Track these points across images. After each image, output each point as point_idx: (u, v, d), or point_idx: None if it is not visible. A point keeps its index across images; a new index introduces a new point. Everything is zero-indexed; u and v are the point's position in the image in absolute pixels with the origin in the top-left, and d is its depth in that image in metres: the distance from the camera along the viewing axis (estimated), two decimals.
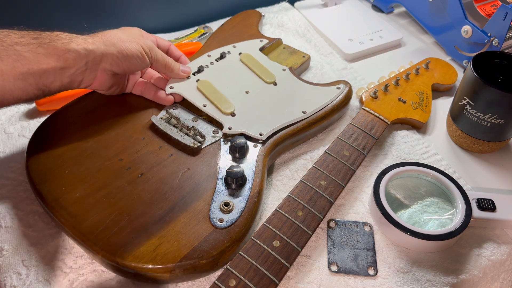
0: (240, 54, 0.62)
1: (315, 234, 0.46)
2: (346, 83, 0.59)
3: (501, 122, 0.51)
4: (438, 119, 0.61)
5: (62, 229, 0.42)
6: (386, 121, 0.55)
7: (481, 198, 0.47)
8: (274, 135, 0.51)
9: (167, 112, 0.53)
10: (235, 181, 0.45)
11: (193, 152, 0.49)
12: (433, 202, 0.48)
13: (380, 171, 0.49)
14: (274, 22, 0.77)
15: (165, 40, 0.58)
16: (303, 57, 0.66)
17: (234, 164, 0.48)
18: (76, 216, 0.42)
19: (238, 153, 0.48)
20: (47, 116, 0.53)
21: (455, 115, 0.56)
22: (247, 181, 0.46)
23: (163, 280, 0.40)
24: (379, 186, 0.47)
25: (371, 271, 0.43)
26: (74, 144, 0.49)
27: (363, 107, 0.56)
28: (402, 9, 0.83)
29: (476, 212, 0.46)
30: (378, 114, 0.55)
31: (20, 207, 0.48)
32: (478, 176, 0.54)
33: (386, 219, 0.45)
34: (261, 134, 0.51)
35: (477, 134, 0.54)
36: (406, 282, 0.43)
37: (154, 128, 0.51)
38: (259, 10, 0.79)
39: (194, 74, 0.58)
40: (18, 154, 0.54)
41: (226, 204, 0.43)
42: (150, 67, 0.55)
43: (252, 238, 0.41)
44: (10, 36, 0.42)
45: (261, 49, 0.64)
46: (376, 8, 0.83)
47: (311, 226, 0.42)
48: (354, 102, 0.62)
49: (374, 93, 0.58)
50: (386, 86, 0.59)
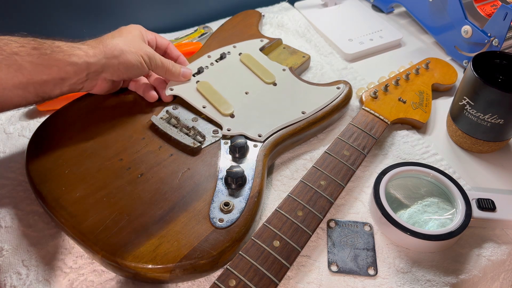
0: (240, 54, 0.62)
1: (315, 234, 0.46)
2: (346, 83, 0.59)
3: (501, 122, 0.51)
4: (438, 119, 0.61)
5: (62, 229, 0.43)
6: (386, 121, 0.55)
7: (481, 198, 0.47)
8: (274, 135, 0.51)
9: (167, 112, 0.53)
10: (235, 181, 0.45)
11: (193, 152, 0.49)
12: (433, 202, 0.48)
13: (380, 171, 0.49)
14: (274, 22, 0.77)
15: (164, 38, 0.58)
16: (303, 57, 0.66)
17: (234, 164, 0.48)
18: (76, 216, 0.42)
19: (238, 153, 0.48)
20: (47, 116, 0.53)
21: (455, 115, 0.56)
22: (247, 181, 0.46)
23: (163, 280, 0.40)
24: (379, 186, 0.47)
25: (371, 271, 0.43)
26: (74, 144, 0.49)
27: (363, 107, 0.56)
28: (402, 9, 0.83)
29: (476, 212, 0.46)
30: (378, 114, 0.55)
31: (20, 207, 0.48)
32: (478, 176, 0.54)
33: (386, 219, 0.45)
34: (260, 135, 0.51)
35: (477, 134, 0.54)
36: (406, 282, 0.43)
37: (154, 128, 0.51)
38: (259, 10, 0.79)
39: (194, 75, 0.58)
40: (18, 154, 0.54)
41: (226, 204, 0.43)
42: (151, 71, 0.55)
43: (252, 238, 0.41)
44: (10, 44, 0.42)
45: (261, 49, 0.64)
46: (376, 8, 0.83)
47: (311, 226, 0.42)
48: (354, 102, 0.62)
49: (374, 93, 0.58)
50: (386, 86, 0.59)
